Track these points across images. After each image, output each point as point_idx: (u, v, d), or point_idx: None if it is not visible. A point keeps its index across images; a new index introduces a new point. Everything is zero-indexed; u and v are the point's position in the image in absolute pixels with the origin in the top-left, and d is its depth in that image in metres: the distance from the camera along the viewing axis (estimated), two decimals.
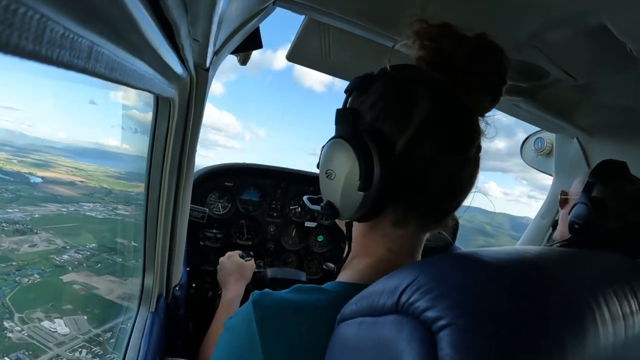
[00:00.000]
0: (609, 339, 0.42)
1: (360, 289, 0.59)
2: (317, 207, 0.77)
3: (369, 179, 0.62)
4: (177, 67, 0.76)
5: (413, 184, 0.65)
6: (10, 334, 2.40)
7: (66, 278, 2.72)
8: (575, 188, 1.52)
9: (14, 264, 2.65)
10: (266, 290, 0.69)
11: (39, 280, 2.65)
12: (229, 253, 1.72)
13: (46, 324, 2.49)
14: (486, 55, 0.67)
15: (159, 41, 0.53)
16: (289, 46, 1.54)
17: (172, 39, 0.61)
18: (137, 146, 1.39)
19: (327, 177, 0.71)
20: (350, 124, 0.67)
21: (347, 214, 0.68)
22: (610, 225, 1.35)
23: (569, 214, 1.45)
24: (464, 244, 2.49)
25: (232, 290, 1.50)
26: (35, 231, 2.81)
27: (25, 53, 0.22)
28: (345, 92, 0.71)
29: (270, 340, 0.61)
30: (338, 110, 0.70)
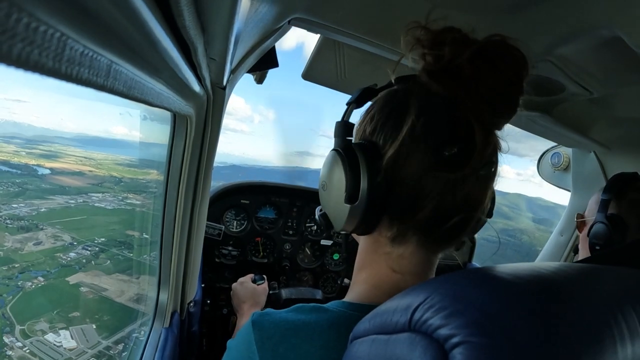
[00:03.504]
0: (628, 356, 0.41)
1: (363, 310, 0.58)
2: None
3: (355, 191, 0.61)
4: (195, 86, 0.78)
5: (403, 200, 0.62)
6: (10, 352, 2.23)
7: (73, 279, 2.58)
8: (591, 208, 1.49)
9: (16, 266, 2.51)
10: (267, 310, 0.68)
11: (43, 283, 2.50)
12: (241, 279, 1.72)
13: (50, 337, 2.33)
14: (496, 61, 0.59)
15: (176, 60, 0.55)
16: (299, 28, 1.53)
17: (190, 58, 0.63)
18: (146, 133, 1.41)
19: (322, 188, 0.71)
20: (342, 137, 0.67)
21: (338, 225, 0.68)
22: (630, 239, 1.31)
23: (587, 235, 1.42)
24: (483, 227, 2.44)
25: (245, 318, 1.50)
26: (41, 227, 2.69)
27: (45, 70, 0.23)
28: (347, 104, 0.70)
29: None
30: (336, 123, 0.69)
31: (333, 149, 0.67)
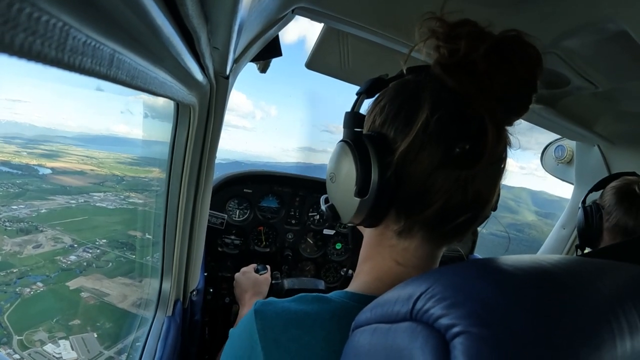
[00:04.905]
0: (627, 351, 0.41)
1: (366, 301, 0.58)
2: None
3: (365, 185, 0.61)
4: (198, 75, 0.77)
5: (412, 195, 0.61)
6: None
7: (73, 284, 2.47)
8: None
9: (15, 271, 2.38)
10: (269, 299, 0.68)
11: (42, 289, 2.38)
12: (243, 269, 1.72)
13: (49, 347, 2.20)
14: (511, 58, 0.58)
15: (179, 49, 0.55)
16: (301, 20, 1.51)
17: (193, 47, 0.63)
18: (148, 131, 1.41)
19: (330, 179, 0.71)
20: (352, 128, 0.66)
21: (346, 218, 0.68)
22: (621, 223, 1.37)
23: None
24: (490, 222, 2.44)
25: (247, 307, 1.50)
26: (40, 229, 2.59)
27: (48, 60, 0.23)
28: (357, 94, 0.69)
29: (271, 350, 0.60)
30: (346, 113, 0.68)
31: (343, 140, 0.66)
